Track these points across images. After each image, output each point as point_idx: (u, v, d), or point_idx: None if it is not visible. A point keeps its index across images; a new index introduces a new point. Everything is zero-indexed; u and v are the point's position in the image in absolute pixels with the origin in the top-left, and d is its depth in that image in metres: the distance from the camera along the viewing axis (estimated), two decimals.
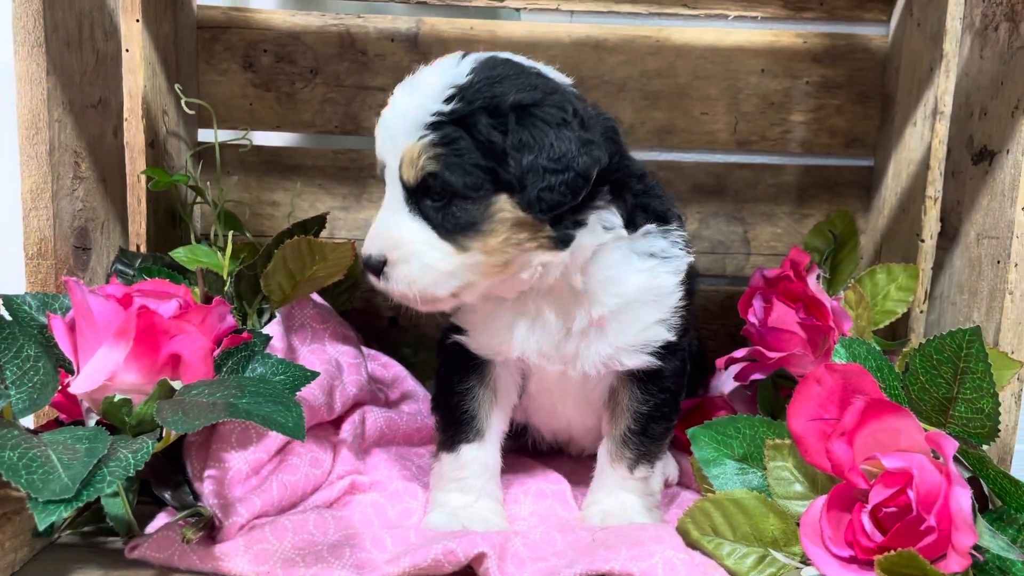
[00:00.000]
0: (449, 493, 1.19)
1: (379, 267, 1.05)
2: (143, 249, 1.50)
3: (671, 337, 1.15)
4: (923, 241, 1.45)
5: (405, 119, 1.04)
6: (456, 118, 1.01)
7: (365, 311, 1.77)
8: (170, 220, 1.62)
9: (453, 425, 1.18)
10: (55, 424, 1.20)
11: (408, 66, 1.68)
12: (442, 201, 1.03)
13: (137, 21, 1.44)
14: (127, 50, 1.46)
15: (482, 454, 1.19)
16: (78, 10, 1.29)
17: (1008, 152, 1.24)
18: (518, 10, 1.71)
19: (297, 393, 1.12)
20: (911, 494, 0.94)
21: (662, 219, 1.14)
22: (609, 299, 1.11)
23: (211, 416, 0.94)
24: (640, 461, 1.20)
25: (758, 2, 1.67)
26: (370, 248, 1.06)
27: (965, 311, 1.33)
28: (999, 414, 0.96)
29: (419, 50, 1.69)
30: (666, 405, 1.19)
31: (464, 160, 1.01)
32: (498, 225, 1.03)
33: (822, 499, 1.01)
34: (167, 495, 1.16)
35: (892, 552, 0.90)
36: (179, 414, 0.95)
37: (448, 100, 1.02)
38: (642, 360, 1.15)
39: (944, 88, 1.43)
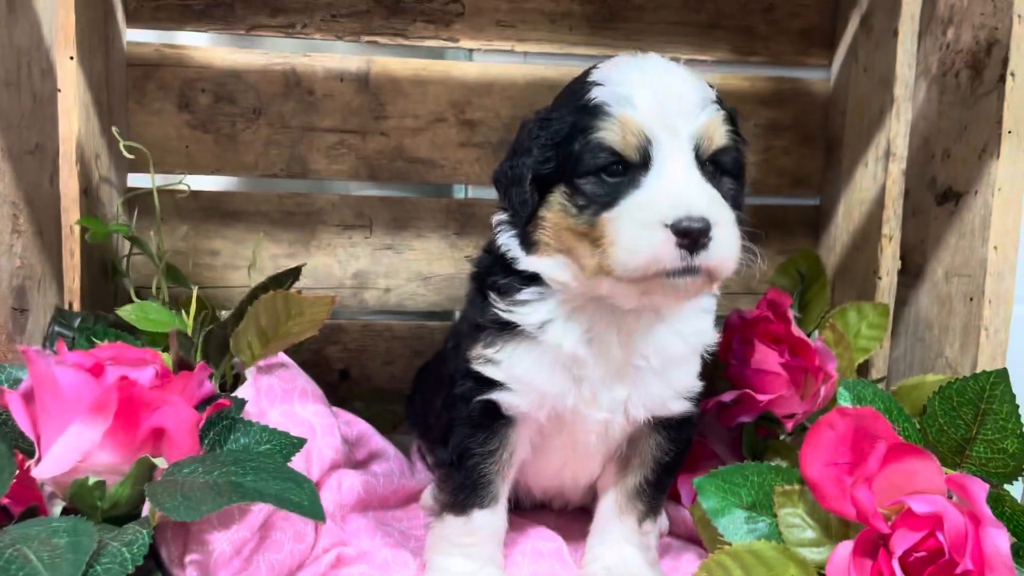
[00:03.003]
0: (451, 558, 1.12)
1: (704, 233, 0.91)
2: (76, 307, 1.37)
3: (701, 382, 1.13)
4: (880, 279, 1.49)
5: (691, 93, 0.99)
6: (720, 104, 1.02)
7: (314, 363, 1.67)
8: (102, 273, 1.49)
9: (467, 489, 1.11)
10: (2, 515, 1.06)
11: (359, 107, 1.63)
12: (718, 177, 1.01)
13: (71, 59, 1.32)
14: (59, 90, 1.33)
15: (494, 520, 1.13)
16: (17, 47, 1.16)
17: (977, 193, 1.29)
18: (471, 51, 1.67)
19: None
20: (942, 537, 0.94)
21: None
22: (687, 335, 1.09)
23: (219, 500, 0.84)
24: (649, 514, 1.16)
25: (708, 46, 1.70)
26: (695, 208, 0.91)
27: (936, 347, 1.37)
28: None
29: (370, 90, 1.63)
30: (683, 454, 1.17)
31: (737, 142, 1.03)
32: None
33: (848, 545, 1.00)
34: None
35: None
36: (178, 498, 0.85)
37: (709, 85, 1.03)
38: (684, 406, 1.12)
39: (896, 131, 1.49)
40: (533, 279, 1.07)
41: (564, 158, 1.01)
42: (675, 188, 0.94)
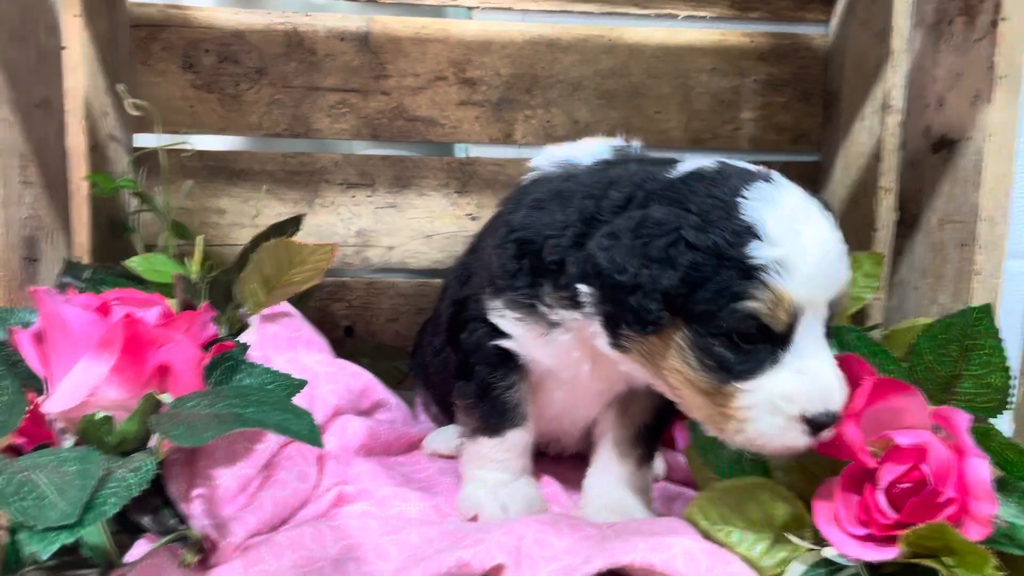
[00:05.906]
0: (490, 472, 1.17)
1: (832, 424, 0.92)
2: (86, 260, 1.40)
3: None
4: (876, 231, 1.50)
5: (840, 255, 0.93)
6: None
7: (319, 321, 1.69)
8: (111, 229, 1.52)
9: (497, 415, 1.15)
10: (12, 451, 1.10)
11: (360, 66, 1.65)
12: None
13: (76, 16, 1.34)
14: (64, 47, 1.36)
15: (525, 436, 1.18)
16: (21, 3, 1.19)
17: (970, 140, 1.30)
18: (470, 9, 1.69)
19: None
20: (926, 469, 0.96)
21: None
22: None
23: (221, 428, 0.87)
24: (647, 457, 1.20)
25: (706, 2, 1.71)
26: (835, 403, 0.92)
27: (930, 294, 1.38)
28: (1010, 387, 0.99)
29: (370, 49, 1.64)
30: None
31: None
32: None
33: (834, 480, 1.02)
34: (145, 520, 1.07)
35: (920, 526, 0.91)
36: (182, 427, 0.88)
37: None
38: None
39: (892, 83, 1.49)
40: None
41: (695, 299, 0.89)
42: (818, 377, 0.91)
